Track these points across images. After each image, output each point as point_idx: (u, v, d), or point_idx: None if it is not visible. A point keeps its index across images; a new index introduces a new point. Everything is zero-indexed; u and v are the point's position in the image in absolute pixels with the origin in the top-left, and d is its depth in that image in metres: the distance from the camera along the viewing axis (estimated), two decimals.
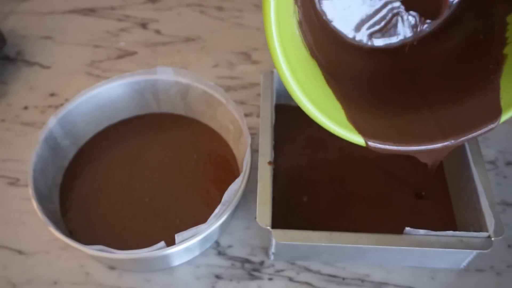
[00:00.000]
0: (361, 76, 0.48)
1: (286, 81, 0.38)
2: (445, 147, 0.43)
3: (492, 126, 0.42)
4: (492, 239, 0.42)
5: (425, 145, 0.43)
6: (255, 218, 0.43)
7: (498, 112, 0.41)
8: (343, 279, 0.47)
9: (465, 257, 0.45)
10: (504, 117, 0.42)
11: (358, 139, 0.42)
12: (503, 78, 0.42)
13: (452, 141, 0.43)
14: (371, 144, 0.42)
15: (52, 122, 0.49)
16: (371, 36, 0.48)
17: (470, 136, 0.43)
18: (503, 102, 0.42)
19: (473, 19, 0.46)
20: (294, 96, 0.39)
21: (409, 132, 0.44)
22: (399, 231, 0.43)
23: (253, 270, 0.47)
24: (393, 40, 0.49)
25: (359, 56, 0.48)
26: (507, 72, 0.42)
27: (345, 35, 0.48)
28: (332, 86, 0.43)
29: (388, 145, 0.43)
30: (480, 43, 0.45)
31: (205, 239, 0.44)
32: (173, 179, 0.52)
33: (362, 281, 0.47)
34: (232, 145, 0.54)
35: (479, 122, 0.42)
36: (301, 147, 0.55)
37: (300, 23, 0.41)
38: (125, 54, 0.66)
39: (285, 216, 0.49)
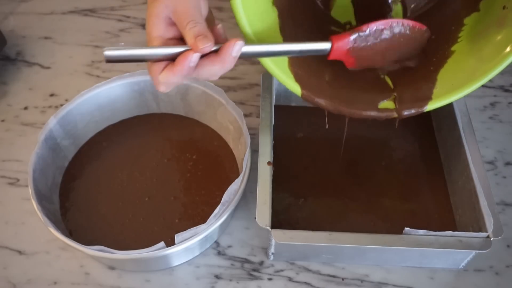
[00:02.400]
0: (318, 36, 0.49)
1: (237, 14, 0.40)
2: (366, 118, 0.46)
3: (416, 111, 0.45)
4: (491, 239, 0.42)
5: (356, 112, 0.46)
6: (255, 218, 0.43)
7: (427, 100, 0.45)
8: (343, 279, 0.47)
9: (464, 257, 0.45)
10: (431, 105, 0.45)
11: (294, 87, 0.44)
12: (442, 71, 0.45)
13: (372, 113, 0.46)
14: (305, 93, 0.44)
15: (52, 122, 0.49)
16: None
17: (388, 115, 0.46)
18: (435, 92, 0.45)
19: (434, 17, 0.49)
20: (238, 21, 0.41)
21: (345, 96, 0.46)
22: (398, 231, 0.43)
23: (252, 270, 0.48)
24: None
25: (324, 20, 0.51)
26: (449, 67, 0.45)
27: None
28: (285, 34, 0.45)
29: (320, 100, 0.45)
30: (431, 39, 0.47)
31: (205, 239, 0.44)
32: (173, 179, 0.52)
33: (362, 281, 0.47)
34: (232, 145, 0.54)
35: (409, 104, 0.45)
36: (300, 147, 0.55)
37: None
38: None
39: (284, 216, 0.49)
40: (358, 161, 0.54)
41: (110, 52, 0.37)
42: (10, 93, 0.62)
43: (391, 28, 0.43)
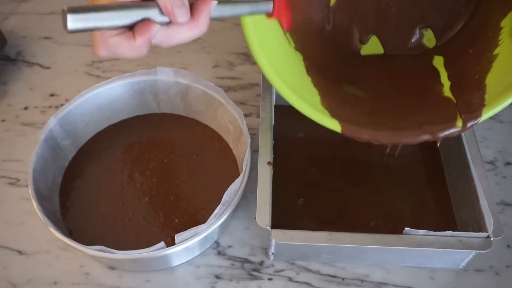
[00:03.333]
0: (345, 69, 0.49)
1: (261, 62, 0.40)
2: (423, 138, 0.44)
3: (476, 120, 0.42)
4: (491, 239, 0.42)
5: (404, 136, 0.43)
6: (255, 218, 0.43)
7: (481, 107, 0.42)
8: (343, 279, 0.47)
9: (464, 257, 0.45)
10: (487, 112, 0.42)
11: (332, 123, 0.43)
12: (489, 76, 0.43)
13: (430, 135, 0.43)
14: (346, 127, 0.43)
15: (52, 122, 0.49)
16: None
17: (449, 132, 0.43)
18: (487, 98, 0.42)
19: (468, 32, 0.48)
20: (267, 75, 0.40)
21: (387, 121, 0.44)
22: (398, 231, 0.43)
23: (253, 270, 0.48)
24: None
25: (354, 58, 0.50)
26: (496, 70, 0.43)
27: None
28: (311, 74, 0.44)
29: (363, 131, 0.43)
30: (469, 53, 0.46)
31: (205, 239, 0.44)
32: (173, 179, 0.52)
33: (362, 281, 0.47)
34: (232, 145, 0.54)
35: (461, 113, 0.43)
36: (300, 147, 0.55)
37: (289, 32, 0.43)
38: None
39: (284, 216, 0.49)
40: (358, 161, 0.54)
41: (74, 25, 0.31)
42: (10, 93, 0.62)
43: None
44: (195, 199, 0.50)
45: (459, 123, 0.42)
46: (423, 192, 0.51)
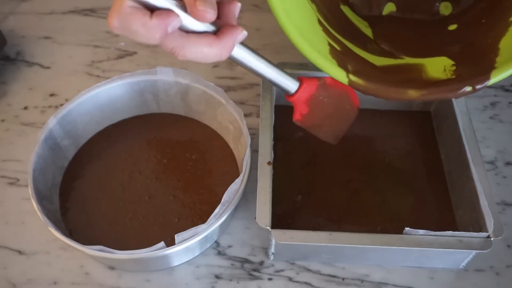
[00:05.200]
0: (356, 29, 0.50)
1: (275, 8, 0.40)
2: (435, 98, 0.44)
3: (484, 83, 0.42)
4: (492, 239, 0.42)
5: (411, 91, 0.43)
6: (255, 218, 0.43)
7: (491, 69, 0.42)
8: (343, 279, 0.47)
9: (465, 257, 0.45)
10: (496, 75, 0.42)
11: (338, 72, 0.43)
12: (504, 40, 0.43)
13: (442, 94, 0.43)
14: (353, 79, 0.43)
15: (52, 122, 0.49)
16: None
17: (458, 92, 0.43)
18: (498, 61, 0.42)
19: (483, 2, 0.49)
20: (279, 20, 0.40)
21: (396, 77, 0.45)
22: (399, 231, 0.43)
23: (253, 270, 0.48)
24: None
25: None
26: (510, 35, 0.43)
27: None
28: (322, 23, 0.45)
29: (371, 84, 0.43)
30: (481, 23, 0.47)
31: (205, 239, 0.44)
32: (173, 179, 0.52)
33: (362, 281, 0.47)
34: (232, 145, 0.54)
35: (469, 77, 0.43)
36: (300, 147, 0.55)
37: None
38: (125, 54, 0.66)
39: (284, 216, 0.49)
40: (358, 161, 0.54)
41: None
42: (10, 93, 0.62)
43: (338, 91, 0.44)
44: (195, 199, 0.50)
45: (469, 87, 0.42)
46: (423, 192, 0.51)
